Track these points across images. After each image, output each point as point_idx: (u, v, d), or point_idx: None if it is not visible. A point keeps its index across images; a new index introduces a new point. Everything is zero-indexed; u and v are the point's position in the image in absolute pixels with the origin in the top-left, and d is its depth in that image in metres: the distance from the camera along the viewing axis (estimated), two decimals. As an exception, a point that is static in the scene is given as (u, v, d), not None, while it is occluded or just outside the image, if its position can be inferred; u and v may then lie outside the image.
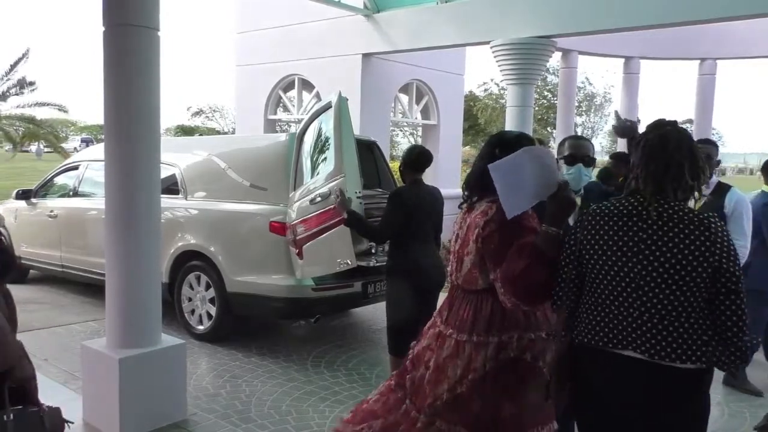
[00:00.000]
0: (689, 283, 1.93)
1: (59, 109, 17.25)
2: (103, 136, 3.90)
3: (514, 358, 2.38)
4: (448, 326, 2.56)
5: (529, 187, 2.23)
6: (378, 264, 5.59)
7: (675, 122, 2.12)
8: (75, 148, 33.63)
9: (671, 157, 2.02)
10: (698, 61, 12.31)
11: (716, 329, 1.94)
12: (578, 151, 3.07)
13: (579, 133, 24.29)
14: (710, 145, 4.08)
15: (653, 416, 1.99)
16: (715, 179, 4.21)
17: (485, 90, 33.53)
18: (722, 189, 4.18)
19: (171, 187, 6.22)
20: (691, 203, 2.06)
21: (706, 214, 2.00)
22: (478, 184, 2.52)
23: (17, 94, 16.62)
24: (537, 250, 2.21)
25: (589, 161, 3.06)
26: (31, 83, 16.68)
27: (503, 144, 2.49)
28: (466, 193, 2.63)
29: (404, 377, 2.74)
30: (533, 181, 2.22)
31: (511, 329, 2.40)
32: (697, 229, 1.95)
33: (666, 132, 2.07)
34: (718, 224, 1.98)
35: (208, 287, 5.84)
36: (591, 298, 2.11)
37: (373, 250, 5.73)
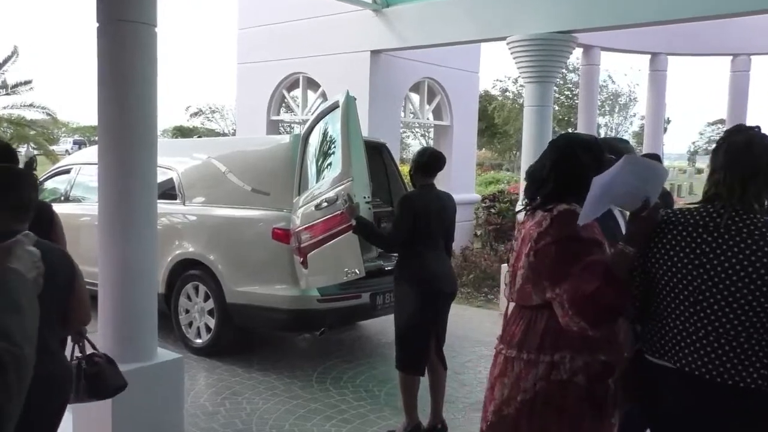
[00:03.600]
0: (764, 304, 1.89)
1: (46, 113, 17.33)
2: (96, 138, 3.93)
3: (566, 380, 2.33)
4: (501, 342, 2.54)
5: (614, 193, 2.20)
6: (387, 267, 5.60)
7: (758, 127, 2.08)
8: (67, 151, 33.87)
9: (758, 161, 1.99)
10: (730, 57, 12.25)
11: None
12: (620, 154, 3.06)
13: (602, 135, 24.22)
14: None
15: None
16: None
17: (501, 90, 33.54)
18: None
19: (168, 191, 6.25)
20: None
21: None
22: (541, 191, 2.48)
23: (8, 94, 16.74)
24: (609, 269, 2.13)
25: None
26: (27, 82, 16.78)
27: (583, 147, 2.48)
28: (525, 200, 2.61)
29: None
30: (622, 189, 2.18)
31: (564, 349, 2.34)
32: None
33: (751, 135, 2.03)
34: None
35: (206, 298, 5.85)
36: (657, 311, 2.11)
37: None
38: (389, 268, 5.78)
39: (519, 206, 5.41)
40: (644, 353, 2.16)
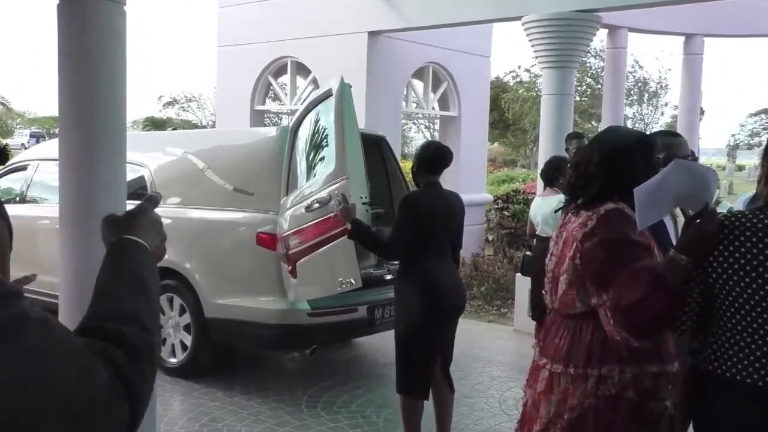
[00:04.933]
0: None
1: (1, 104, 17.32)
2: (56, 131, 3.93)
3: (616, 395, 2.39)
4: (542, 356, 2.60)
5: (670, 197, 2.23)
6: (388, 277, 5.60)
7: None
8: (23, 145, 33.86)
9: None
10: (774, 40, 12.27)
11: None
12: (674, 150, 3.07)
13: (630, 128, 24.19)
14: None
15: None
16: None
17: (514, 77, 33.60)
18: None
19: (139, 191, 6.24)
20: None
21: None
22: (586, 190, 2.52)
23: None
24: (658, 278, 2.17)
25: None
26: None
27: (634, 145, 2.52)
28: (565, 198, 2.67)
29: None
30: (680, 192, 2.21)
31: (612, 361, 2.41)
32: None
33: None
34: None
35: (182, 312, 5.85)
36: (723, 323, 2.14)
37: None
38: (390, 277, 5.79)
39: (553, 203, 5.44)
40: (706, 369, 2.20)
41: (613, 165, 2.49)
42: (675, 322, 2.23)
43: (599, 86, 25.41)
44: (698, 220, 2.15)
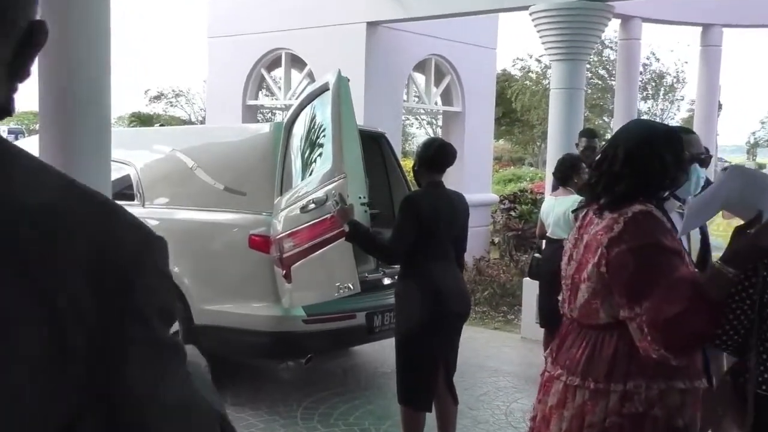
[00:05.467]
0: None
1: None
2: (37, 127, 3.93)
3: (642, 413, 2.34)
4: (556, 366, 2.55)
5: (718, 203, 2.23)
6: (387, 282, 5.60)
7: None
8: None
9: None
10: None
11: None
12: (691, 147, 3.06)
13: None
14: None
15: None
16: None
17: (522, 69, 33.59)
18: None
19: (124, 191, 6.25)
20: None
21: None
22: (611, 189, 2.47)
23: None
24: (700, 291, 2.14)
25: (705, 160, 3.03)
26: None
27: (663, 140, 2.47)
28: (582, 198, 2.63)
29: None
30: (730, 198, 2.21)
31: (638, 376, 2.35)
32: None
33: None
34: None
35: (170, 319, 5.84)
36: None
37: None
38: (389, 282, 5.79)
39: (566, 204, 5.41)
40: (762, 393, 2.17)
41: (642, 161, 2.42)
42: (715, 337, 2.20)
43: (612, 79, 25.41)
44: (750, 231, 2.11)
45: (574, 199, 5.34)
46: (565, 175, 5.98)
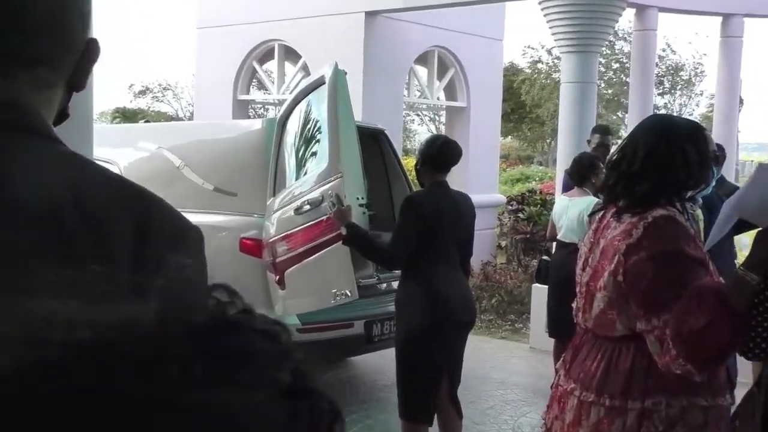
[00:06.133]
0: None
1: None
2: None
3: None
4: (569, 380, 2.53)
5: (745, 205, 2.23)
6: (387, 288, 5.60)
7: None
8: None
9: None
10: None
11: None
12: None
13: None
14: None
15: None
16: None
17: (531, 59, 33.61)
18: None
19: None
20: None
21: None
22: (630, 191, 2.44)
23: None
24: (724, 300, 2.13)
25: (718, 158, 3.01)
26: None
27: (688, 136, 2.44)
28: (600, 197, 2.62)
29: None
30: (756, 201, 2.22)
31: (657, 393, 2.33)
32: None
33: None
34: None
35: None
36: None
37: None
38: (389, 288, 5.79)
39: (581, 206, 5.40)
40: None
41: (667, 160, 2.39)
42: (742, 348, 2.20)
43: (627, 72, 25.41)
44: None
45: (589, 201, 5.32)
46: (583, 174, 5.87)
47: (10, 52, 1.00)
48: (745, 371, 4.19)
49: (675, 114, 33.98)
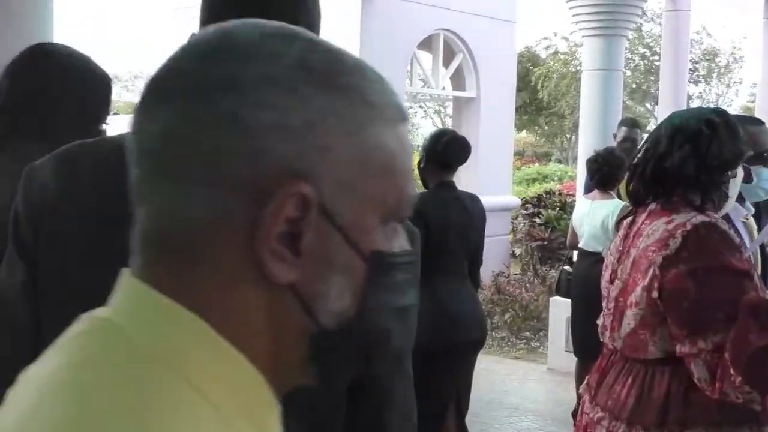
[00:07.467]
0: None
1: None
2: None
3: None
4: (596, 407, 2.53)
5: None
6: None
7: None
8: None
9: None
10: None
11: None
12: (759, 142, 3.05)
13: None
14: None
15: None
16: None
17: (548, 48, 33.67)
18: None
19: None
20: None
21: None
22: (662, 192, 2.43)
23: None
24: None
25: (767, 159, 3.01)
26: None
27: (726, 132, 2.41)
28: (631, 201, 2.58)
29: None
30: None
31: (698, 423, 2.31)
32: None
33: None
34: None
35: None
36: None
37: None
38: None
39: (605, 210, 5.38)
40: None
41: (704, 157, 2.36)
42: None
43: (656, 59, 25.49)
44: None
45: (615, 205, 5.29)
46: (608, 176, 5.75)
47: None
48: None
49: (712, 104, 34.02)
